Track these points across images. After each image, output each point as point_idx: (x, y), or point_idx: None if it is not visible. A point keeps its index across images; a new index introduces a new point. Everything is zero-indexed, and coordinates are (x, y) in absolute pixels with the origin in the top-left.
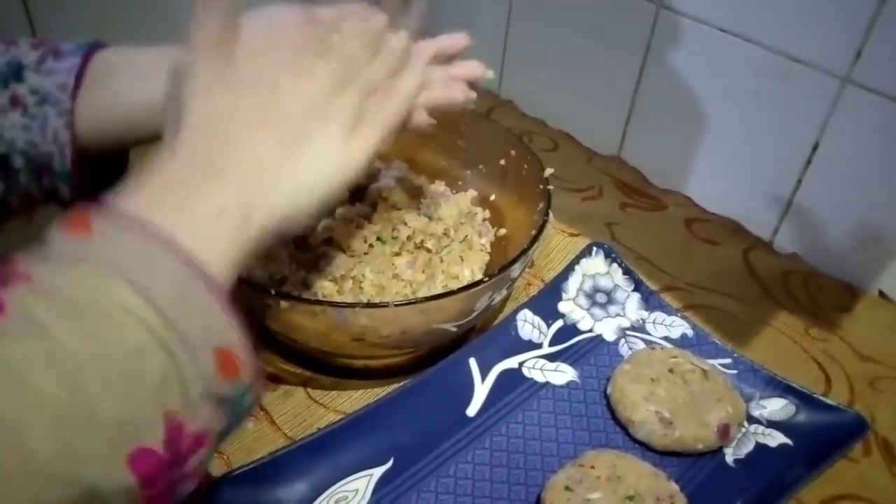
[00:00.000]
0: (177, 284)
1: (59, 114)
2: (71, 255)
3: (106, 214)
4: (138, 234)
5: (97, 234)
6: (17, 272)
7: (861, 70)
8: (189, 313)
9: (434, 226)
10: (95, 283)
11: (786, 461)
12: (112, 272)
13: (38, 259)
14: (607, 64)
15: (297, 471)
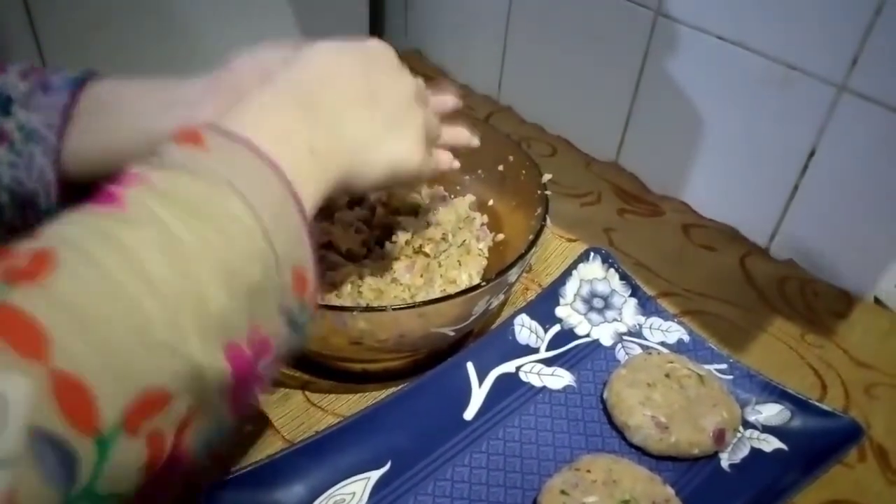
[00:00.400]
0: (277, 204)
1: (44, 152)
2: (185, 166)
3: (217, 130)
4: (248, 152)
5: (210, 147)
6: (134, 175)
7: (857, 78)
8: (283, 231)
9: (432, 230)
10: (209, 192)
11: (781, 466)
12: (224, 185)
13: (153, 167)
14: (605, 70)
15: (295, 473)
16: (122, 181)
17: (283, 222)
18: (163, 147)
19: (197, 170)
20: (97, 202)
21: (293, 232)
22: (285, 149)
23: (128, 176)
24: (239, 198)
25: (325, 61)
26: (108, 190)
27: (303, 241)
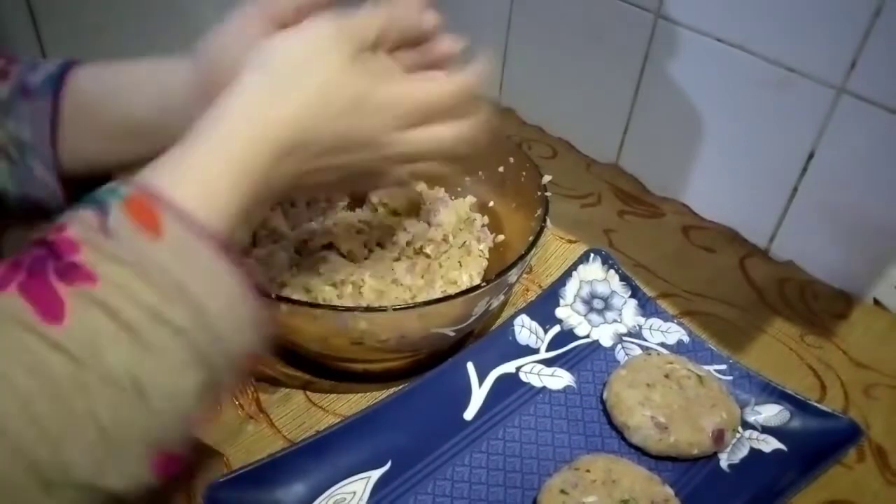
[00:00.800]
0: (228, 302)
1: (44, 163)
2: (138, 260)
3: (176, 215)
4: (205, 247)
5: (168, 240)
6: (82, 269)
7: (856, 80)
8: (235, 330)
9: (433, 231)
10: (156, 304)
11: (780, 467)
12: (175, 292)
13: (102, 254)
14: (606, 72)
15: (295, 472)
16: (69, 274)
17: (238, 319)
18: (113, 216)
19: (149, 270)
20: (38, 305)
21: (242, 319)
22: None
23: (76, 267)
24: (187, 307)
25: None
26: (53, 288)
27: (253, 327)
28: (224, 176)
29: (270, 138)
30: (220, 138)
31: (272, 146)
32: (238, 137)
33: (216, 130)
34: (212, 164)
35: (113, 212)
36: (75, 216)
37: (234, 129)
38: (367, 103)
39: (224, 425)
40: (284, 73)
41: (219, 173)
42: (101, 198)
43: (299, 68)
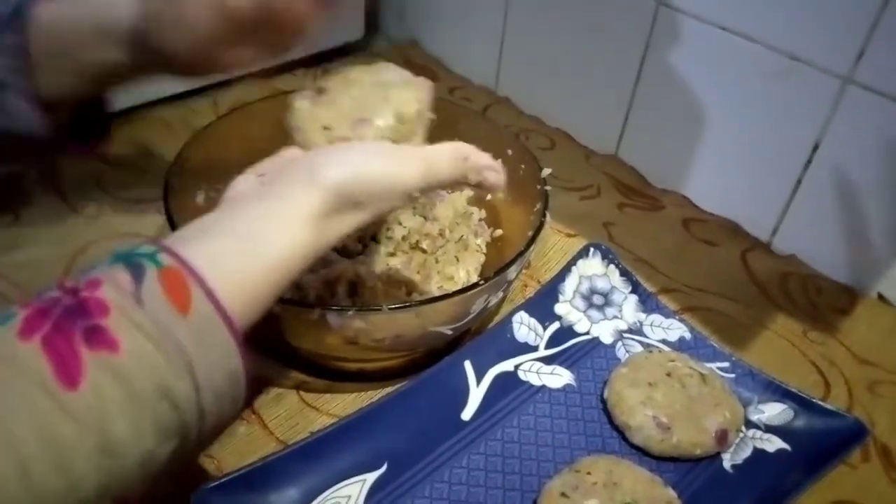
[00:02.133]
0: (225, 381)
1: (22, 97)
2: (159, 334)
3: (206, 297)
4: (222, 331)
5: (192, 319)
6: (107, 335)
7: (863, 70)
8: (221, 406)
9: (429, 226)
10: (165, 378)
11: (784, 467)
12: (183, 369)
13: (130, 322)
14: (606, 62)
15: (289, 476)
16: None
17: (227, 393)
18: (147, 284)
19: (165, 342)
20: (58, 366)
21: (233, 399)
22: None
23: (101, 332)
24: (190, 382)
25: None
26: (74, 347)
27: (238, 404)
28: (263, 287)
29: (310, 254)
30: (269, 244)
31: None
32: (283, 251)
33: (258, 243)
34: (257, 276)
35: (147, 279)
36: (110, 274)
37: (282, 243)
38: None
39: None
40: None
41: (259, 285)
42: (139, 260)
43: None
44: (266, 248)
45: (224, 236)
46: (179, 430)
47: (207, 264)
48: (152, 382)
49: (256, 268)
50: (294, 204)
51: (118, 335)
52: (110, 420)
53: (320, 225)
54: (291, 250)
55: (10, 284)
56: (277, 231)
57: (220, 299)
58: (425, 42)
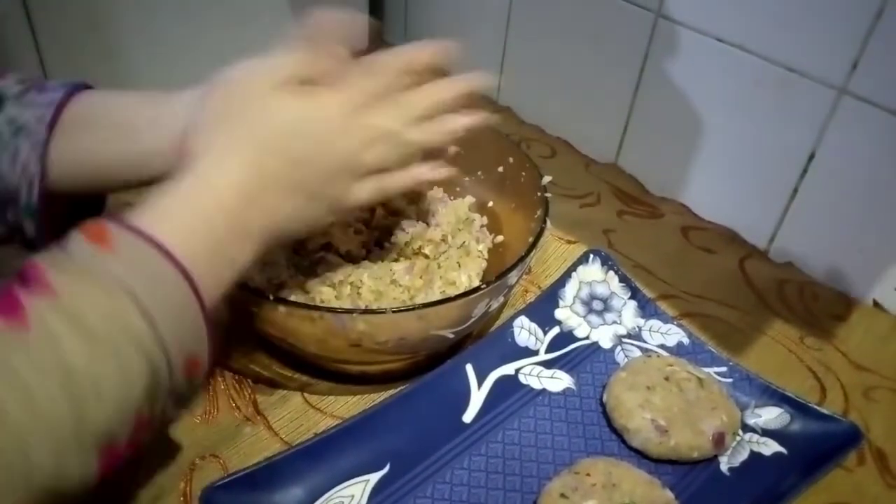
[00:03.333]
0: (177, 304)
1: (32, 146)
2: (90, 269)
3: (126, 228)
4: (153, 253)
5: (116, 248)
6: (42, 281)
7: (857, 81)
8: (181, 332)
9: (432, 232)
10: (110, 308)
11: (780, 470)
12: (125, 296)
13: (60, 269)
14: (605, 72)
15: (293, 476)
16: (28, 283)
17: (183, 323)
18: (71, 238)
19: (99, 276)
20: (4, 315)
21: (193, 328)
22: (195, 244)
23: (35, 279)
24: (137, 311)
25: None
26: (14, 296)
27: (201, 332)
28: (191, 218)
29: (225, 183)
30: (187, 189)
31: (232, 189)
32: (204, 186)
33: (185, 180)
34: (180, 207)
35: (71, 238)
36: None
37: (199, 178)
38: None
39: (221, 427)
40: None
41: (187, 215)
42: (67, 236)
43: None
44: (193, 178)
45: (150, 203)
46: (145, 361)
47: (127, 215)
48: (98, 313)
49: (171, 198)
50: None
51: (53, 281)
52: (65, 352)
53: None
54: (220, 176)
55: None
56: (207, 165)
57: (143, 229)
58: None
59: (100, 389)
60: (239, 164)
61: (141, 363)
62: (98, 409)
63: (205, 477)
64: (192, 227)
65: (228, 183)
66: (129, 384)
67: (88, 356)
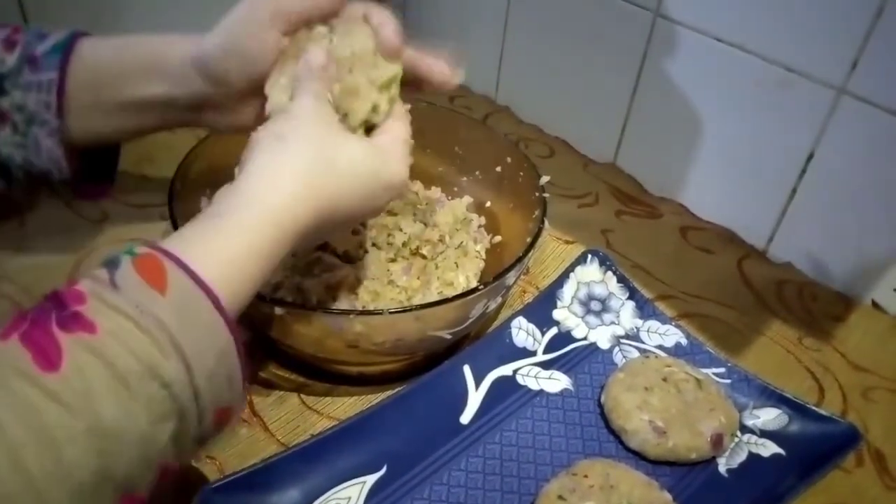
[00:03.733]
0: (217, 360)
1: (48, 133)
2: (136, 309)
3: (181, 268)
4: (205, 303)
5: (167, 290)
6: (84, 319)
7: (857, 81)
8: (217, 383)
9: (429, 232)
10: (149, 357)
11: (778, 471)
12: (168, 346)
13: (104, 303)
14: (604, 72)
15: (290, 477)
16: (69, 322)
17: (220, 377)
18: (122, 268)
19: (145, 318)
20: (37, 352)
21: (228, 382)
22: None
23: (77, 303)
24: (178, 361)
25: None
26: (52, 333)
27: (237, 387)
28: (243, 261)
29: (293, 230)
30: (245, 226)
31: (294, 235)
32: (262, 230)
33: (241, 216)
34: (233, 248)
35: (122, 266)
36: (90, 273)
37: (258, 220)
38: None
39: None
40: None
41: (238, 258)
42: (116, 256)
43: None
44: (233, 218)
45: (196, 223)
46: (175, 411)
47: (185, 245)
48: (136, 360)
49: (229, 237)
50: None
51: (95, 318)
52: (96, 400)
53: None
54: (258, 212)
55: (17, 288)
56: (242, 201)
57: (199, 274)
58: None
59: (126, 441)
60: (304, 211)
61: (172, 413)
62: (122, 462)
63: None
64: (251, 265)
65: (290, 230)
66: (157, 435)
67: (119, 406)
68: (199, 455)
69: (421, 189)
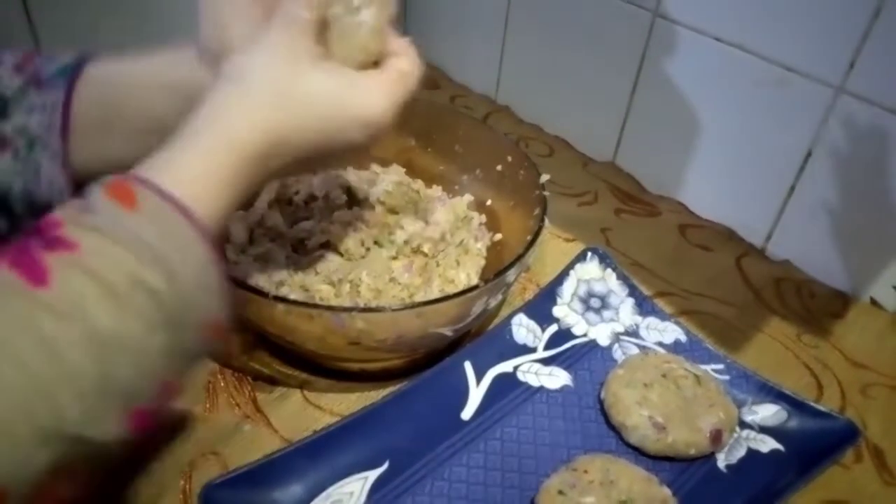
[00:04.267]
0: (198, 270)
1: (51, 158)
2: (112, 226)
3: (151, 188)
4: (174, 215)
5: (138, 208)
6: (64, 240)
7: (854, 80)
8: (202, 297)
9: (431, 230)
10: (132, 268)
11: (777, 467)
12: (148, 257)
13: (80, 225)
14: (603, 71)
15: (292, 473)
16: (51, 243)
17: (204, 287)
18: (94, 195)
19: (121, 233)
20: (25, 272)
21: (212, 292)
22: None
23: (57, 238)
24: (159, 272)
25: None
26: (34, 253)
27: (221, 297)
28: (211, 178)
29: (256, 141)
30: (208, 147)
31: (256, 152)
32: (224, 145)
33: (204, 136)
34: (198, 167)
35: (93, 192)
36: (63, 205)
37: (220, 137)
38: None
39: (220, 425)
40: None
41: (206, 176)
42: (87, 189)
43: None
44: (213, 130)
45: (173, 139)
46: (164, 321)
47: (153, 168)
48: (120, 271)
49: (206, 153)
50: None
51: (74, 237)
52: (88, 308)
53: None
54: (242, 125)
55: None
56: (228, 113)
57: (168, 191)
58: (426, 51)
59: (123, 347)
60: (263, 121)
61: (162, 323)
62: (122, 366)
63: (204, 475)
64: (213, 186)
65: (253, 139)
66: (150, 346)
67: (112, 314)
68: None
69: (422, 188)
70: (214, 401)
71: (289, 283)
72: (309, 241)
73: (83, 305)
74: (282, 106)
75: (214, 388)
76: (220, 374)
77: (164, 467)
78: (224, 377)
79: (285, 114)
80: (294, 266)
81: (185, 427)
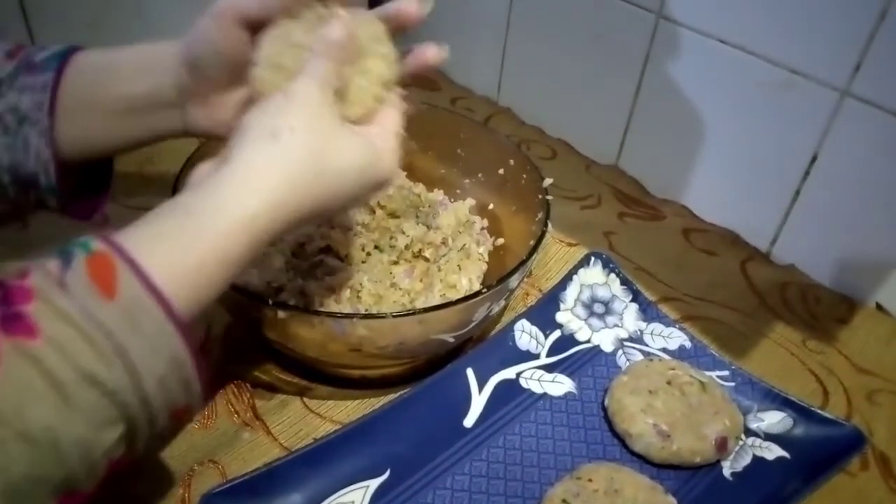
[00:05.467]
0: (168, 364)
1: (39, 133)
2: (83, 315)
3: (135, 277)
4: (154, 311)
5: (118, 296)
6: (26, 322)
7: (860, 83)
8: (169, 387)
9: (432, 234)
10: (92, 367)
11: (783, 475)
12: (112, 353)
13: (51, 309)
14: (606, 73)
15: (293, 482)
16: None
17: (171, 375)
18: (73, 268)
19: (90, 326)
20: None
21: (184, 385)
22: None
23: (23, 298)
24: (123, 370)
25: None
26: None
27: (194, 388)
28: (210, 267)
29: (269, 235)
30: (217, 231)
31: (271, 238)
32: (236, 238)
33: (215, 219)
34: (200, 253)
35: (73, 265)
36: (43, 263)
37: (233, 227)
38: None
39: (219, 433)
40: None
41: (205, 264)
42: (71, 248)
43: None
44: (206, 220)
45: (165, 217)
46: (121, 416)
47: (142, 245)
48: (74, 369)
49: (197, 241)
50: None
51: (38, 321)
52: (27, 406)
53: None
54: (234, 219)
55: None
56: (220, 202)
57: (153, 280)
58: None
59: (63, 447)
60: (285, 215)
61: (118, 418)
62: (59, 466)
63: (203, 483)
64: (209, 277)
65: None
66: (101, 439)
67: (52, 414)
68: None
69: (423, 191)
70: (213, 408)
71: (288, 288)
72: (309, 245)
73: (22, 403)
74: (319, 175)
75: (213, 396)
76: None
77: (162, 476)
78: (223, 384)
79: (323, 184)
80: (293, 271)
81: (183, 435)
